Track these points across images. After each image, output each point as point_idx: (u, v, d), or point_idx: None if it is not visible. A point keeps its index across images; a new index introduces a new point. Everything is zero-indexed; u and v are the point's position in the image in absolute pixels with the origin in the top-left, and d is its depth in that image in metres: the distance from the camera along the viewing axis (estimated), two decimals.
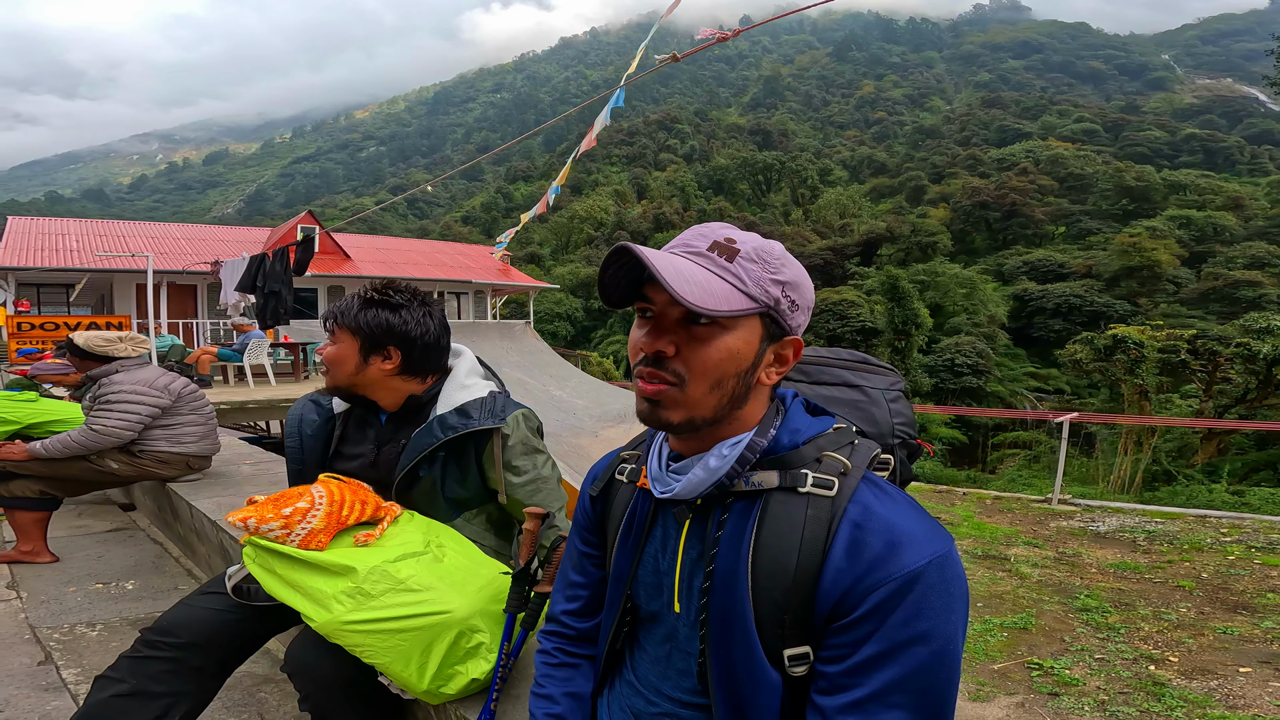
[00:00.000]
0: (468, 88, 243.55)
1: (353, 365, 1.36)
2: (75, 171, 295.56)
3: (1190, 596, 4.86)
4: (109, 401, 2.75)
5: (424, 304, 1.40)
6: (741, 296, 0.67)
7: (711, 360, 0.68)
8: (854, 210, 59.01)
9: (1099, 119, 76.85)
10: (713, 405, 0.70)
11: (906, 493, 0.72)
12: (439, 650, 1.10)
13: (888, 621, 0.62)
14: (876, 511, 0.66)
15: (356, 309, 1.36)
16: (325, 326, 1.40)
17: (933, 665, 0.62)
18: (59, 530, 3.16)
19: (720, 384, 0.69)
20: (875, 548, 0.63)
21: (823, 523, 0.66)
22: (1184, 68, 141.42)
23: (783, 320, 0.71)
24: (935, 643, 0.62)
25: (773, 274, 0.69)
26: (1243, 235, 43.44)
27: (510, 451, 1.36)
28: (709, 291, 0.65)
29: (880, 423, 0.90)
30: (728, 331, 0.68)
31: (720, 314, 0.65)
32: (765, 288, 0.69)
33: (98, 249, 15.28)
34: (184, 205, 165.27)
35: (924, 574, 0.62)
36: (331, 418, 1.47)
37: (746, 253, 0.69)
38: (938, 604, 0.62)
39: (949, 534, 0.66)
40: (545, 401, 5.96)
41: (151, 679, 1.23)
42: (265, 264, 7.18)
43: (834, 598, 0.64)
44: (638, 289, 0.71)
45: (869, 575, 0.63)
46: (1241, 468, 14.79)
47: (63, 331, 9.38)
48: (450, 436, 1.33)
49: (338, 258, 18.52)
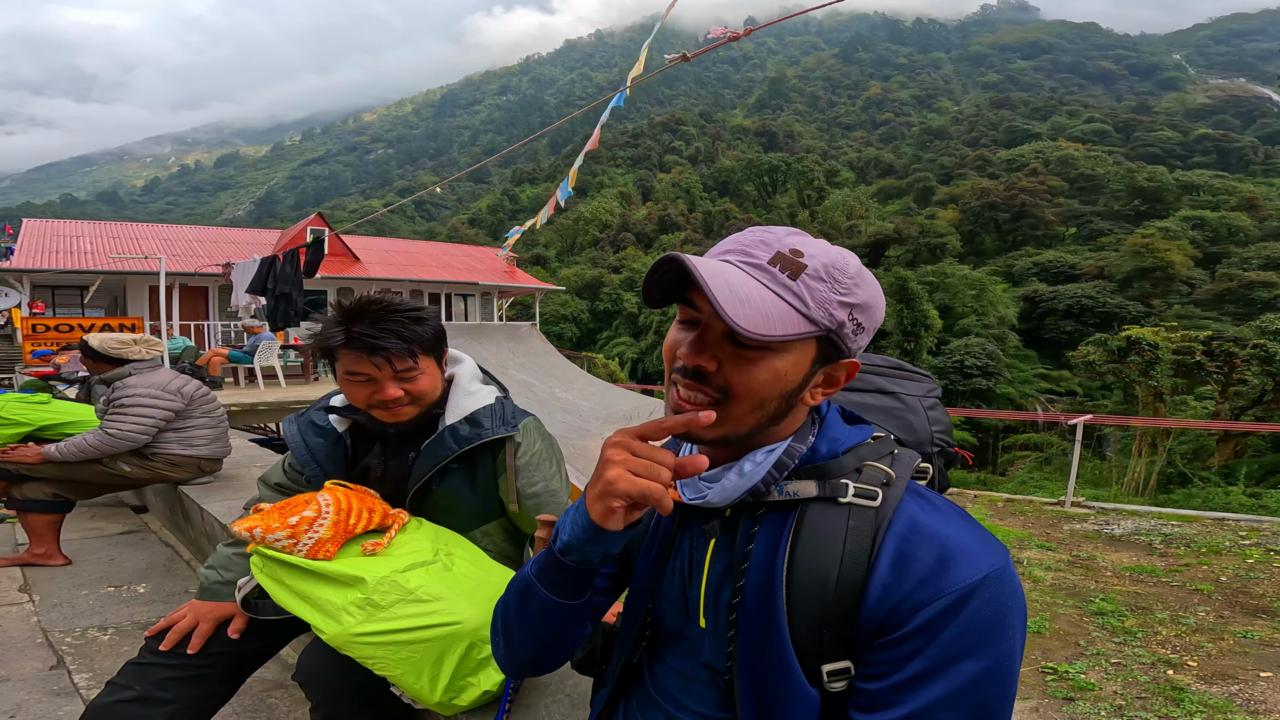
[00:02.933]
0: (474, 90, 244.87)
1: (440, 382, 1.32)
2: (89, 174, 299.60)
3: (1209, 600, 4.78)
4: (123, 405, 2.75)
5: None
6: (799, 319, 0.62)
7: (757, 382, 0.64)
8: (861, 212, 58.75)
9: (1110, 119, 76.27)
10: (750, 424, 0.66)
11: (953, 502, 0.69)
12: (451, 662, 1.09)
13: (938, 639, 0.58)
14: (924, 524, 0.63)
15: (421, 329, 1.26)
16: (393, 362, 1.23)
17: (984, 681, 0.58)
18: (72, 533, 3.17)
19: (763, 405, 0.65)
20: (925, 562, 0.60)
21: (866, 535, 0.63)
22: (1196, 68, 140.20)
23: (843, 343, 0.65)
24: (989, 658, 0.58)
25: (842, 295, 0.63)
26: (1257, 236, 42.98)
27: (523, 460, 1.33)
28: (763, 312, 0.60)
29: (919, 431, 0.87)
30: (777, 355, 0.63)
31: (773, 339, 0.60)
32: (830, 310, 0.63)
33: (111, 251, 15.45)
34: (196, 207, 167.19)
35: (979, 589, 0.59)
36: (340, 436, 1.39)
37: (814, 269, 0.63)
38: (994, 619, 0.58)
39: (1003, 546, 0.63)
40: (551, 403, 5.96)
41: (155, 685, 1.22)
42: (276, 266, 7.22)
43: (879, 614, 0.61)
44: (681, 289, 0.66)
45: (918, 591, 0.59)
46: (1259, 470, 14.60)
47: (77, 333, 9.47)
48: (465, 448, 1.29)
49: (347, 260, 18.63)
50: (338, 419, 1.38)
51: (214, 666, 1.28)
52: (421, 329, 1.26)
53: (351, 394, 1.29)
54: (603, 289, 43.00)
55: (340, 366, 1.26)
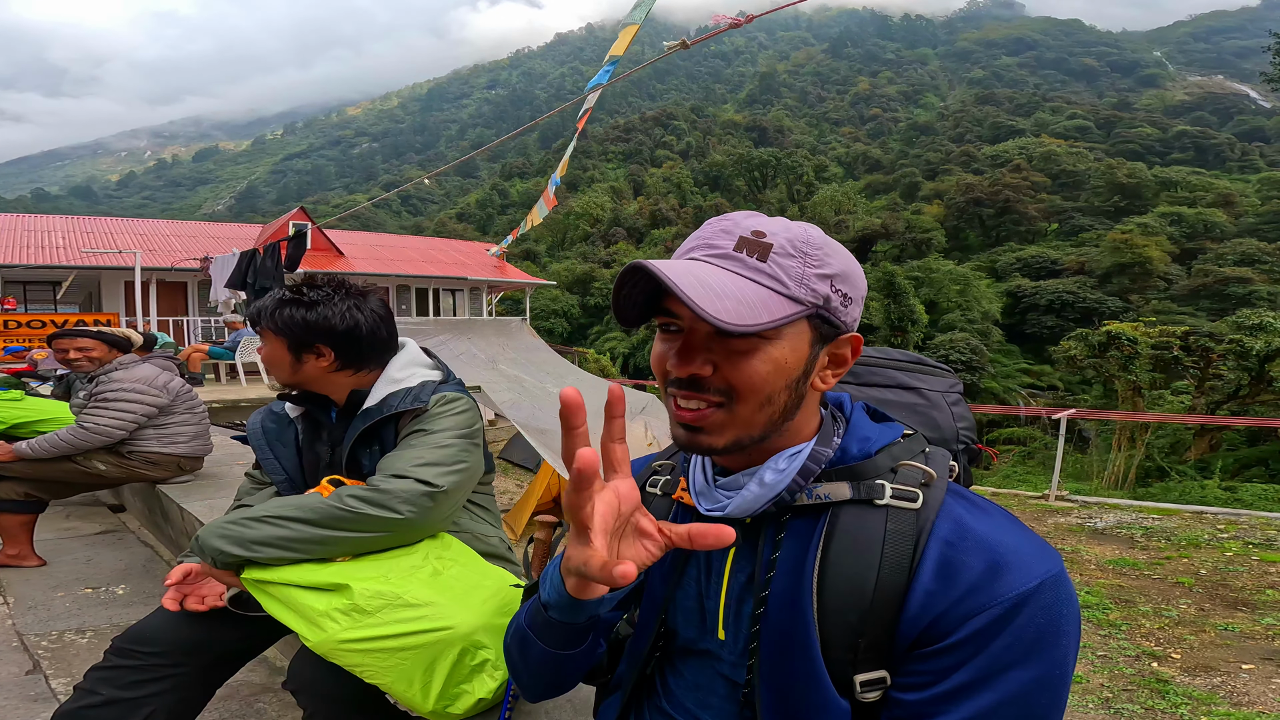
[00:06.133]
0: (462, 84, 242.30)
1: (287, 365, 1.35)
2: (62, 169, 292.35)
3: (1190, 593, 4.86)
4: (105, 399, 2.69)
5: (350, 296, 1.36)
6: (783, 301, 0.59)
7: (759, 375, 0.60)
8: (849, 207, 59.06)
9: (1091, 116, 77.22)
10: (763, 423, 0.62)
11: (998, 504, 0.65)
12: (442, 668, 1.05)
13: (988, 648, 0.55)
14: (972, 527, 0.59)
15: (272, 309, 1.34)
16: (253, 328, 1.41)
17: (1036, 690, 0.55)
18: (46, 533, 3.08)
19: (771, 400, 0.61)
20: (974, 569, 0.57)
21: (907, 539, 0.59)
22: (1176, 65, 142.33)
23: (835, 318, 0.62)
24: (1041, 667, 0.55)
25: (817, 267, 0.60)
26: (1233, 232, 43.78)
27: (411, 428, 1.31)
28: (743, 302, 0.56)
29: (944, 427, 0.84)
30: (771, 342, 0.60)
31: (760, 327, 0.56)
32: (810, 285, 0.60)
33: (84, 246, 15.10)
34: (174, 202, 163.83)
35: (1033, 597, 0.55)
36: (291, 421, 1.45)
37: (781, 246, 0.60)
38: (1048, 628, 0.55)
39: (1056, 551, 0.60)
40: (543, 399, 5.90)
41: (124, 688, 1.18)
42: (256, 260, 7.08)
43: (923, 623, 0.57)
44: (656, 302, 0.62)
45: (968, 600, 0.56)
46: (1234, 463, 14.90)
47: (49, 329, 9.23)
48: (366, 425, 1.32)
49: (330, 255, 18.35)
50: (291, 406, 1.44)
51: (187, 667, 1.23)
52: (274, 310, 1.33)
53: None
54: (594, 284, 42.86)
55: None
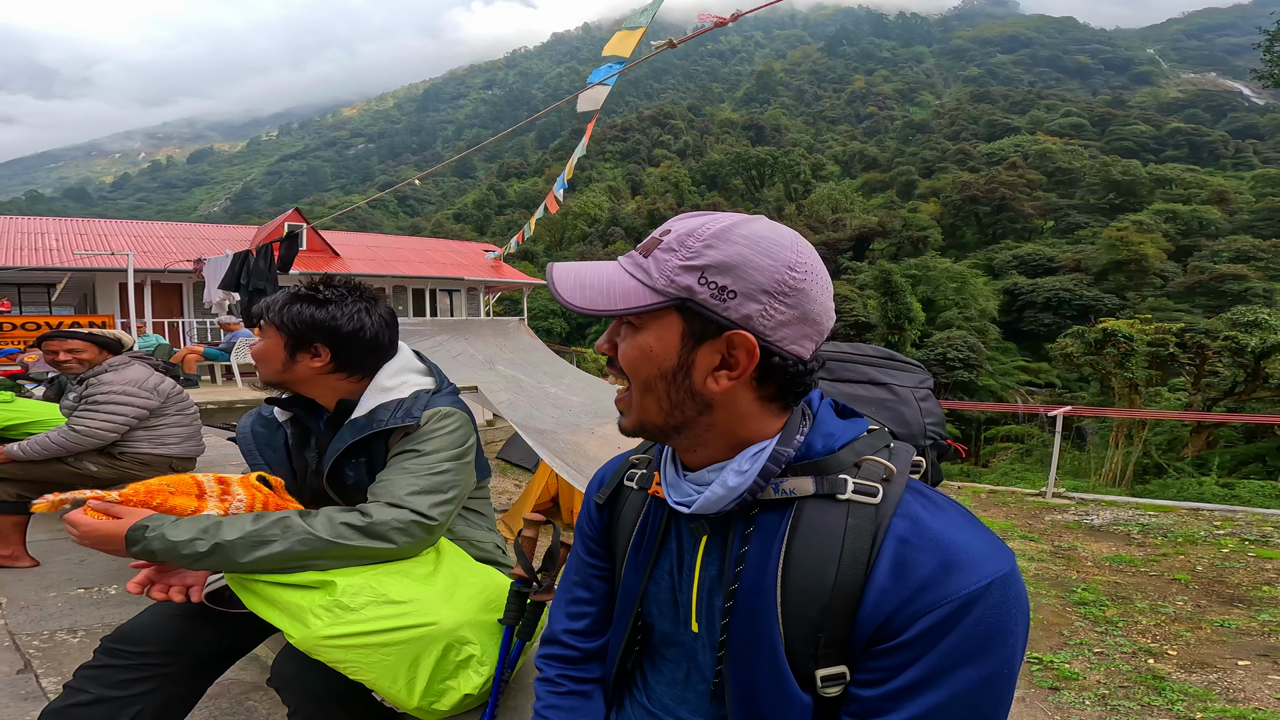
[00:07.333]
0: (458, 85, 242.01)
1: (279, 362, 1.31)
2: (56, 170, 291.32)
3: (1186, 590, 4.87)
4: (95, 401, 2.68)
5: (363, 299, 1.33)
6: (645, 291, 0.62)
7: (628, 358, 0.65)
8: (846, 205, 59.16)
9: (1086, 113, 77.44)
10: (654, 412, 0.65)
11: (956, 501, 0.66)
12: (427, 664, 1.04)
13: (938, 646, 0.56)
14: (927, 525, 0.60)
15: (281, 304, 1.31)
16: (255, 322, 1.37)
17: (982, 688, 0.57)
18: (39, 534, 3.07)
19: (650, 387, 0.65)
20: (927, 567, 0.58)
21: (866, 534, 0.60)
22: (1169, 62, 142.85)
23: (710, 312, 0.61)
24: (989, 666, 0.56)
25: (687, 260, 0.61)
26: (1228, 229, 43.94)
27: (400, 447, 1.26)
28: (604, 292, 0.62)
29: (911, 423, 0.84)
30: (638, 330, 0.65)
31: (604, 312, 0.62)
32: (671, 277, 0.61)
33: (78, 248, 15.03)
34: (169, 204, 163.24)
35: (983, 597, 0.56)
36: (280, 425, 1.41)
37: (668, 242, 0.63)
38: (996, 627, 0.56)
39: (1009, 549, 0.60)
40: (541, 399, 5.89)
41: (112, 686, 1.17)
42: (249, 261, 7.06)
43: (877, 620, 0.58)
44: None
45: (919, 598, 0.57)
46: (1230, 460, 14.94)
47: (44, 330, 9.17)
48: (355, 439, 1.27)
49: (326, 256, 18.30)
50: (279, 410, 1.40)
51: (175, 665, 1.22)
52: (283, 306, 1.31)
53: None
54: None
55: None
